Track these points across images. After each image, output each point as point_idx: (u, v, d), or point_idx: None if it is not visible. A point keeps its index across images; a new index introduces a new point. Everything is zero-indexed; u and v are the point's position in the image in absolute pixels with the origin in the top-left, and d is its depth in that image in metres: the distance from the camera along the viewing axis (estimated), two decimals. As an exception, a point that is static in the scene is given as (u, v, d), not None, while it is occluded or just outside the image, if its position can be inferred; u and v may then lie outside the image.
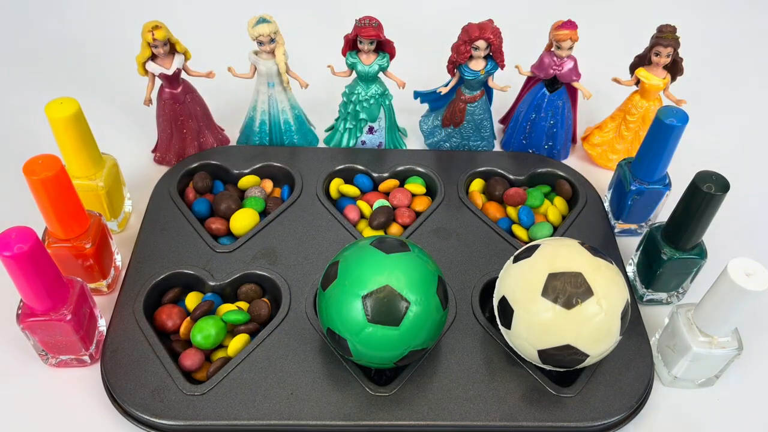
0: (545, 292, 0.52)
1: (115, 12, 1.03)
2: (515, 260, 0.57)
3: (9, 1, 1.04)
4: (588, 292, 0.52)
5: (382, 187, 0.76)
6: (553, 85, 0.77)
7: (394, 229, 0.72)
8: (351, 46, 0.74)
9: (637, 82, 0.76)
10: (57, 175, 0.55)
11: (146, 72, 0.71)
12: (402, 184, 0.77)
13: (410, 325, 0.51)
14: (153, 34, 0.68)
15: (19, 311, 0.55)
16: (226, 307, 0.63)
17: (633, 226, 0.75)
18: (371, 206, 0.73)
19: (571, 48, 0.74)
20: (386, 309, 0.50)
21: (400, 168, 0.77)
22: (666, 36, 0.71)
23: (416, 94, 0.81)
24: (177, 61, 0.71)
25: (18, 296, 0.55)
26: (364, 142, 0.81)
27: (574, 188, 0.76)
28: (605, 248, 0.69)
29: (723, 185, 0.57)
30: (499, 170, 0.78)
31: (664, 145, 0.66)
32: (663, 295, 0.68)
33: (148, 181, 0.75)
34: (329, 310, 0.53)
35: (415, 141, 0.85)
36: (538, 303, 0.52)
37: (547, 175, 0.78)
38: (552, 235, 0.71)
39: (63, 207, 0.58)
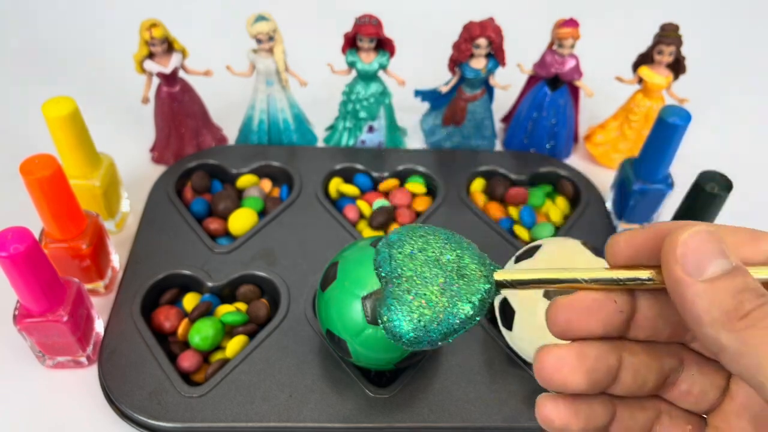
0: (547, 293, 0.51)
1: (112, 10, 1.03)
2: (516, 261, 0.56)
3: (4, 0, 1.04)
4: (590, 293, 0.51)
5: (382, 186, 0.75)
6: (554, 83, 0.77)
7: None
8: (350, 44, 0.73)
9: (640, 80, 0.75)
10: (54, 174, 0.54)
11: (144, 70, 0.71)
12: (402, 184, 0.76)
13: (410, 326, 0.50)
14: (150, 32, 0.67)
15: (16, 312, 0.55)
16: (224, 308, 0.62)
17: (636, 226, 0.74)
18: (371, 206, 0.72)
19: (573, 46, 0.73)
20: (386, 310, 0.50)
21: (401, 167, 0.76)
22: (668, 34, 0.71)
23: (417, 93, 0.80)
24: (175, 60, 0.71)
25: (15, 297, 0.54)
26: (363, 142, 0.80)
27: (576, 188, 0.75)
28: (607, 248, 0.68)
29: (726, 185, 0.57)
30: (500, 170, 0.77)
31: (667, 145, 0.65)
32: (666, 296, 0.67)
33: (146, 181, 0.75)
34: (328, 311, 0.52)
35: (415, 140, 0.84)
36: (539, 304, 0.52)
37: (549, 174, 0.77)
38: (554, 235, 0.70)
39: (60, 207, 0.57)
